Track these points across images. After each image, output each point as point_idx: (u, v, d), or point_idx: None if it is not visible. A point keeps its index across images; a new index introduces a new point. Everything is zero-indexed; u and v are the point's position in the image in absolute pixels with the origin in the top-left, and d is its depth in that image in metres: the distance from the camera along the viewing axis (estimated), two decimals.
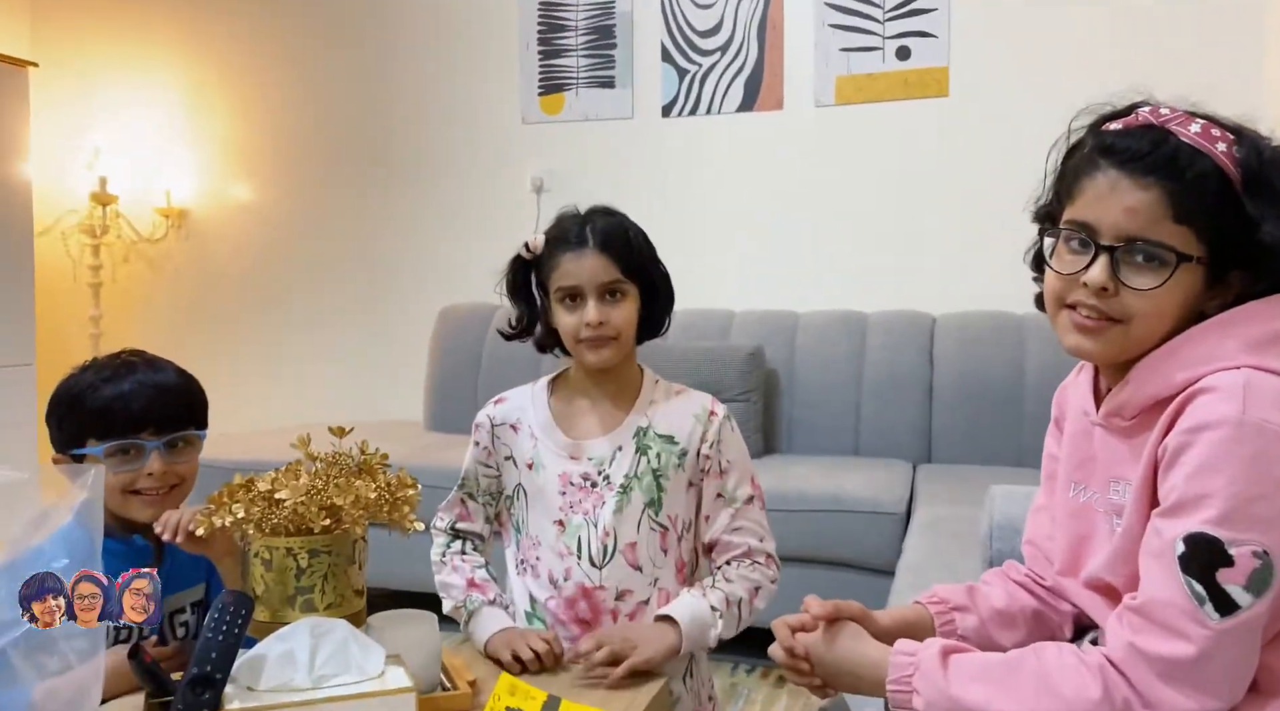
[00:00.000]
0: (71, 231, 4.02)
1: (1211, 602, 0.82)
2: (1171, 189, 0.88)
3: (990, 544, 1.36)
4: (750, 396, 2.94)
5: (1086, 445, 1.03)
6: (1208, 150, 0.89)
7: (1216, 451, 0.83)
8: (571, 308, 1.31)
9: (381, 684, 1.03)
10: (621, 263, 1.32)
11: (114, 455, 1.25)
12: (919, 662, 0.93)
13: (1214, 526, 0.82)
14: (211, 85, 4.02)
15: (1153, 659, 0.83)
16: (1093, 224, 0.92)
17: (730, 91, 3.38)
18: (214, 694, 0.96)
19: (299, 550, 1.09)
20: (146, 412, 1.26)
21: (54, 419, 1.29)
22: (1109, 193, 0.90)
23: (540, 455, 1.37)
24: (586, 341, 1.31)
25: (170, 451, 1.29)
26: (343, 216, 3.87)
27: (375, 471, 1.17)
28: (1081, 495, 1.03)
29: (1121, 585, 0.93)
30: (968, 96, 3.15)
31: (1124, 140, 0.91)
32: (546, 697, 1.11)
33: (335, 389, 3.88)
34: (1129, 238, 0.90)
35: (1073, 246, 0.94)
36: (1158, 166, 0.89)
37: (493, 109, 3.65)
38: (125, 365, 1.30)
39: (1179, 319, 0.92)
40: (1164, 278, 0.89)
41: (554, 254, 1.33)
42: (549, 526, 1.35)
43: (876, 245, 3.27)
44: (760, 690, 2.40)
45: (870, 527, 2.42)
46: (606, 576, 1.32)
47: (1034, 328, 2.89)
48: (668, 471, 1.34)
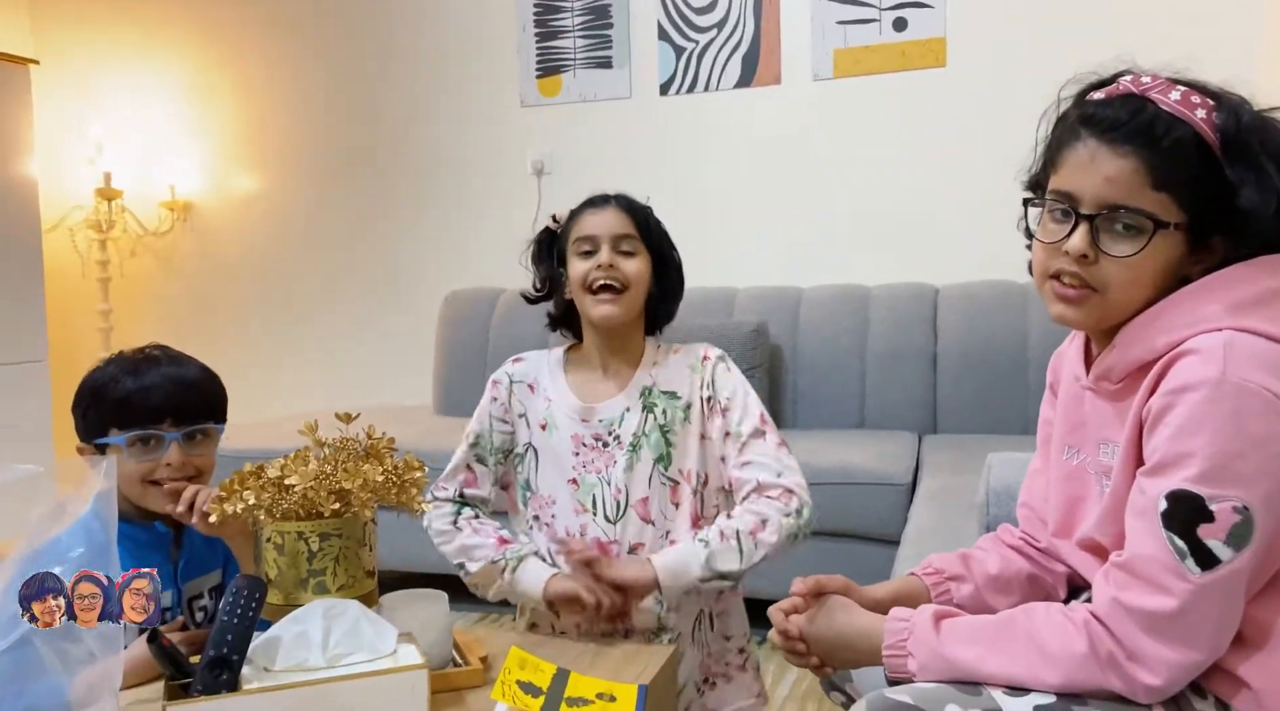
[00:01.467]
0: (78, 227, 4.05)
1: (1193, 557, 0.84)
2: (1148, 157, 0.90)
3: (987, 509, 1.38)
4: (755, 372, 2.96)
5: (1078, 409, 1.04)
6: (1186, 117, 0.90)
7: (1197, 411, 0.84)
8: (586, 257, 1.38)
9: (394, 661, 1.06)
10: (638, 223, 1.40)
11: (134, 445, 1.28)
12: (913, 627, 0.96)
13: (1195, 483, 0.84)
14: (211, 78, 4.03)
15: (1136, 612, 0.86)
16: (1074, 193, 0.93)
17: (728, 68, 3.37)
18: (231, 675, 0.99)
19: (310, 534, 1.12)
20: (166, 404, 1.30)
21: (79, 409, 1.33)
22: (1089, 162, 0.92)
23: (554, 416, 1.41)
24: (595, 289, 1.35)
25: (189, 443, 1.31)
26: (345, 205, 3.89)
27: (382, 455, 1.20)
28: (1074, 458, 1.05)
29: (1109, 543, 0.95)
30: (966, 67, 3.14)
31: (1104, 109, 0.93)
32: (556, 670, 1.14)
33: (344, 376, 3.92)
34: (1109, 206, 0.91)
35: (1055, 216, 0.96)
36: (1135, 135, 0.90)
37: (491, 93, 3.65)
38: (149, 359, 1.33)
39: (1160, 285, 0.93)
40: (1141, 245, 0.90)
41: (575, 216, 1.42)
42: (563, 485, 1.39)
43: (878, 218, 3.27)
44: (770, 661, 2.43)
45: (876, 499, 2.44)
46: (620, 531, 1.36)
47: (1037, 296, 2.87)
48: (674, 426, 1.39)
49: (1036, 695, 0.89)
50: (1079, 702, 0.87)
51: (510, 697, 1.06)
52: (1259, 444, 0.83)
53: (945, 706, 0.88)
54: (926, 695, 0.89)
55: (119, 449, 1.27)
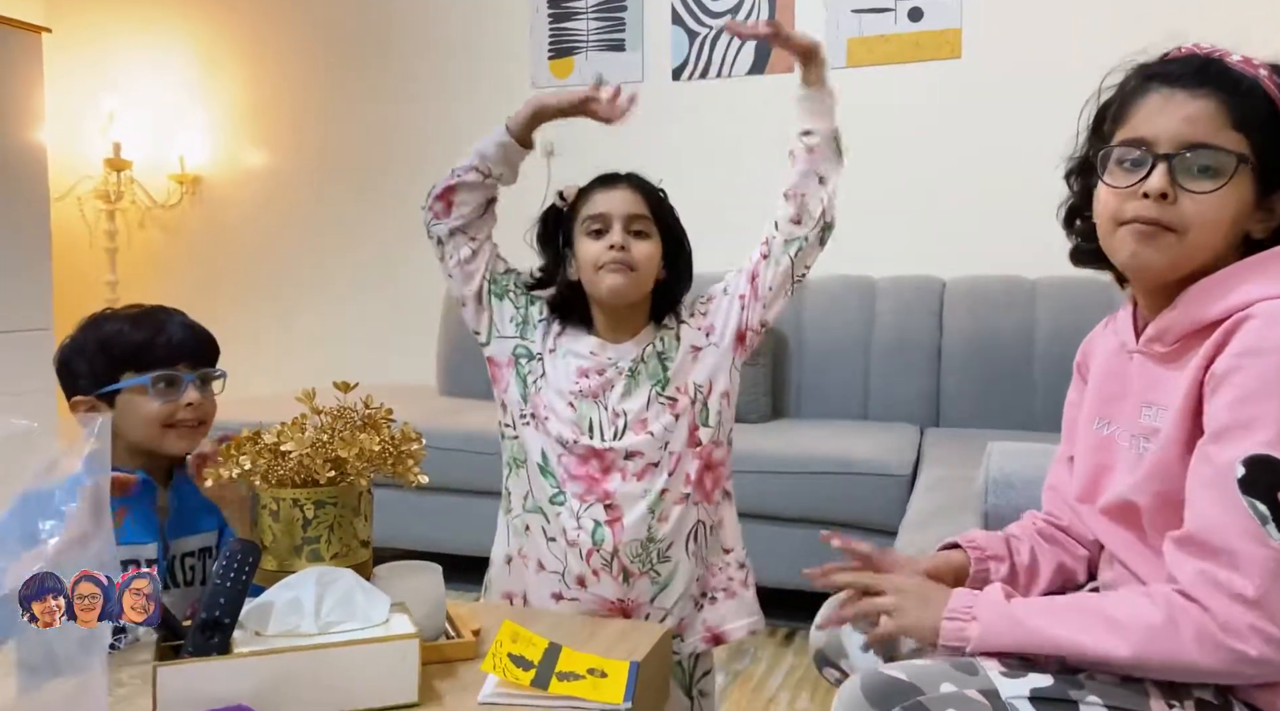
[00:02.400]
0: (87, 197, 4.05)
1: (1274, 523, 0.82)
2: (1226, 98, 0.91)
3: (985, 498, 1.37)
4: (759, 361, 2.95)
5: (1118, 380, 1.04)
6: (1253, 73, 0.92)
7: (1267, 376, 0.84)
8: (596, 237, 1.36)
9: (386, 630, 1.06)
10: (650, 203, 1.38)
11: (157, 386, 1.31)
12: (980, 597, 0.97)
13: (1272, 447, 0.83)
14: (223, 51, 4.03)
15: (1224, 584, 0.83)
16: (1149, 137, 0.93)
17: (741, 54, 3.35)
18: (223, 638, 0.99)
19: (305, 501, 1.12)
20: (183, 346, 1.34)
21: (80, 362, 1.33)
22: (1164, 106, 0.93)
23: (564, 344, 1.41)
24: (606, 265, 1.34)
25: (202, 386, 1.35)
26: (353, 182, 3.88)
27: (380, 425, 1.20)
28: (1105, 429, 1.06)
29: (1148, 503, 0.94)
30: (980, 58, 3.11)
31: (1171, 65, 0.95)
32: (548, 645, 1.14)
33: (348, 353, 3.92)
34: (1189, 144, 0.91)
35: (1126, 166, 0.95)
36: (1210, 79, 0.92)
37: (502, 73, 3.63)
38: (149, 310, 1.38)
39: (1232, 233, 0.93)
40: (1222, 182, 0.90)
41: (585, 194, 1.41)
42: (561, 403, 1.38)
43: (886, 209, 3.25)
44: (767, 648, 2.43)
45: (876, 490, 2.44)
46: (617, 441, 1.36)
47: (1045, 292, 2.88)
48: (670, 352, 1.40)
49: (1035, 675, 0.88)
50: (1076, 686, 0.87)
51: (501, 670, 1.06)
52: None
53: (940, 684, 0.87)
54: (922, 673, 0.89)
55: (143, 389, 1.30)
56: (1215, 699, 0.86)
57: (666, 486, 1.35)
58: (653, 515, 1.34)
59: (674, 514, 1.35)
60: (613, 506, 1.34)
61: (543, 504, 1.38)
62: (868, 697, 0.88)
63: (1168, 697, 0.86)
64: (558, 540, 1.36)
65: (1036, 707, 0.86)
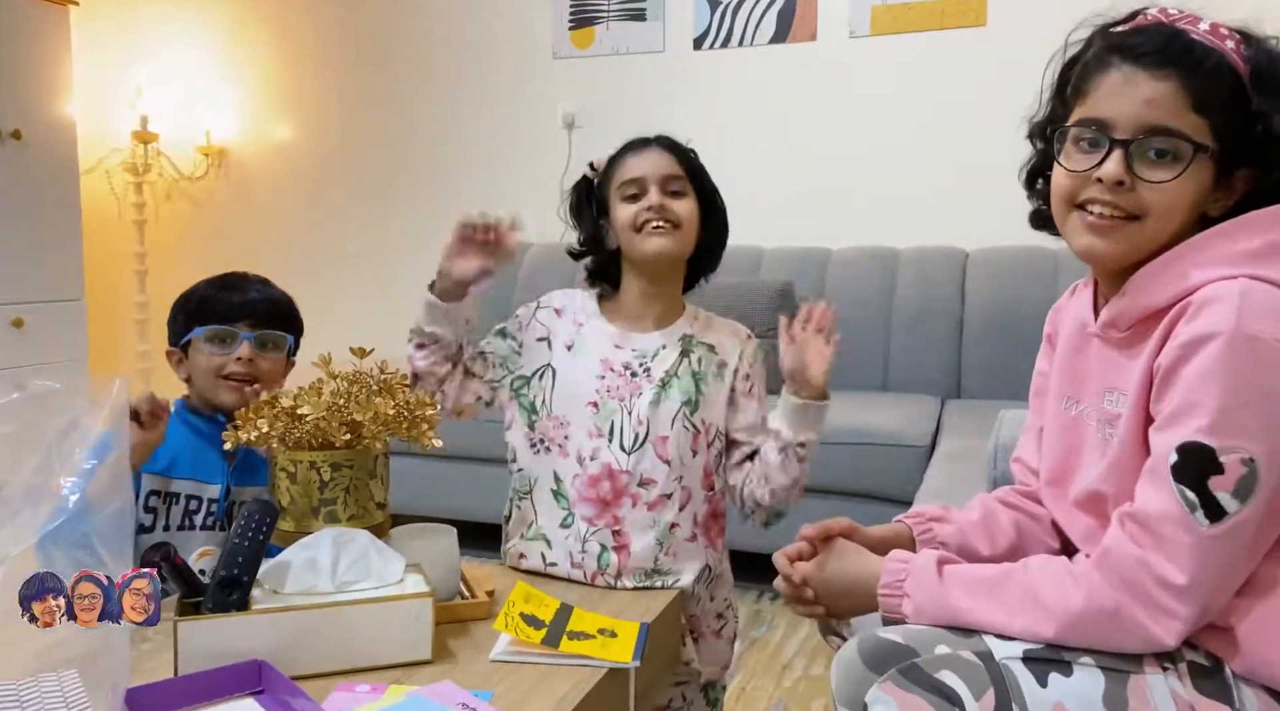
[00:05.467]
0: (115, 170, 4.10)
1: (1202, 509, 0.83)
2: (1189, 80, 0.88)
3: (994, 464, 1.37)
4: (779, 332, 2.94)
5: (1080, 360, 1.03)
6: (1218, 47, 0.89)
7: (1208, 365, 0.83)
8: (633, 200, 1.34)
9: (400, 589, 1.09)
10: (684, 163, 1.37)
11: (211, 340, 1.43)
12: (911, 568, 0.96)
13: (1205, 434, 0.83)
14: (250, 24, 4.05)
15: (1146, 565, 0.85)
16: (1107, 119, 0.91)
17: (763, 23, 3.32)
18: (241, 594, 1.02)
19: (321, 463, 1.14)
20: (244, 307, 1.45)
21: (172, 319, 1.48)
22: (1124, 86, 0.90)
23: (583, 338, 1.38)
24: (648, 226, 1.32)
25: (260, 348, 1.44)
26: (376, 155, 3.90)
27: (395, 390, 1.22)
28: (1073, 409, 1.04)
29: (1113, 495, 0.94)
30: (1005, 25, 3.07)
31: (1135, 38, 0.92)
32: (560, 605, 1.16)
33: (371, 324, 3.94)
34: (1148, 128, 0.89)
35: (1083, 146, 0.94)
36: (1174, 57, 0.89)
37: (523, 43, 3.63)
38: (238, 275, 1.51)
39: (1189, 217, 0.92)
40: (1179, 169, 0.89)
41: (616, 160, 1.39)
42: (582, 407, 1.34)
43: (910, 179, 3.23)
44: (783, 616, 2.45)
45: (894, 460, 2.44)
46: (634, 462, 1.32)
47: (1068, 263, 2.85)
48: (707, 376, 1.37)
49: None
50: (1068, 650, 0.87)
51: (513, 629, 1.08)
52: (1269, 396, 0.82)
53: (936, 647, 0.88)
54: (918, 636, 0.90)
55: (199, 341, 1.42)
56: (1207, 661, 0.87)
57: (676, 521, 1.33)
58: (660, 548, 1.32)
59: (684, 552, 1.34)
60: (620, 532, 1.32)
61: (548, 530, 1.35)
62: (864, 660, 0.90)
63: (1161, 659, 0.87)
64: (559, 564, 1.34)
65: (1031, 667, 0.86)
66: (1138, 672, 0.85)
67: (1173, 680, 0.85)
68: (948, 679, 0.86)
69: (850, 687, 0.91)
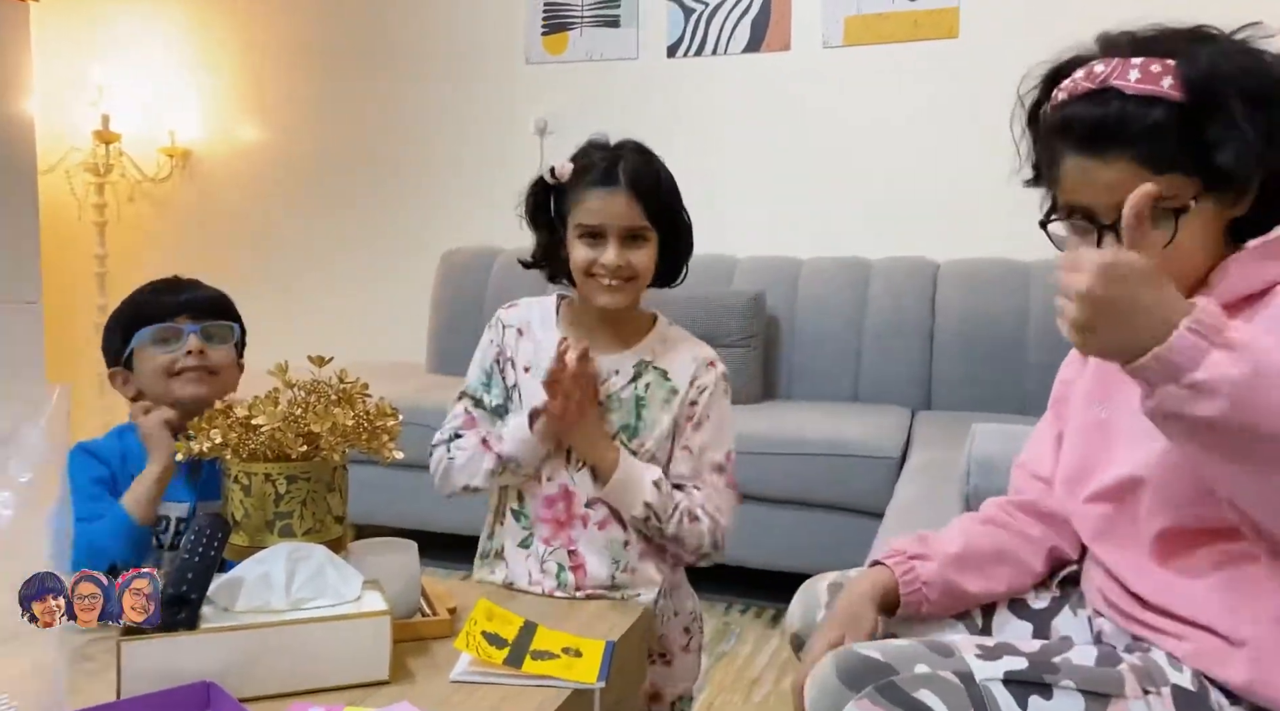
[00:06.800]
0: (75, 170, 4.01)
1: None
2: (1137, 150, 0.88)
3: (967, 480, 1.36)
4: (751, 342, 2.93)
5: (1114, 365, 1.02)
6: (1153, 93, 0.87)
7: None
8: (591, 244, 1.30)
9: (358, 607, 1.05)
10: (648, 207, 1.30)
11: (157, 341, 1.37)
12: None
13: None
14: (216, 23, 3.98)
15: None
16: (1086, 206, 0.92)
17: (737, 32, 3.31)
18: (190, 613, 0.97)
19: (277, 476, 1.10)
20: (183, 304, 1.40)
21: (107, 336, 1.42)
22: (1083, 178, 0.91)
23: (539, 360, 1.37)
24: (601, 283, 1.30)
25: (206, 340, 1.39)
26: (344, 159, 3.84)
27: (355, 400, 1.18)
28: (1101, 411, 1.03)
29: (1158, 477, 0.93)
30: (977, 37, 3.08)
31: (1074, 113, 0.91)
32: (524, 623, 1.13)
33: (338, 330, 3.89)
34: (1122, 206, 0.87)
35: (1078, 229, 0.95)
36: (1113, 137, 0.88)
37: (495, 48, 3.59)
38: (169, 279, 1.47)
39: (1210, 245, 0.92)
40: (1171, 232, 0.88)
41: (580, 187, 1.31)
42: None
43: (882, 190, 3.23)
44: (753, 629, 2.42)
45: (865, 471, 2.43)
46: (579, 482, 1.34)
47: (1039, 275, 2.86)
48: (651, 402, 1.35)
49: (1009, 658, 0.87)
50: (1050, 671, 0.85)
51: (474, 648, 1.04)
52: None
53: (915, 665, 0.86)
54: (896, 653, 0.87)
55: (143, 346, 1.37)
56: (1192, 684, 0.85)
57: (627, 538, 1.33)
58: (617, 566, 1.33)
59: (640, 569, 1.34)
60: (576, 552, 1.33)
61: (508, 550, 1.37)
62: (841, 677, 0.87)
63: (1143, 683, 0.85)
64: (517, 582, 1.35)
65: (1011, 690, 0.84)
66: (1119, 697, 0.84)
67: (1155, 705, 0.83)
68: (926, 698, 0.84)
69: (826, 704, 0.89)
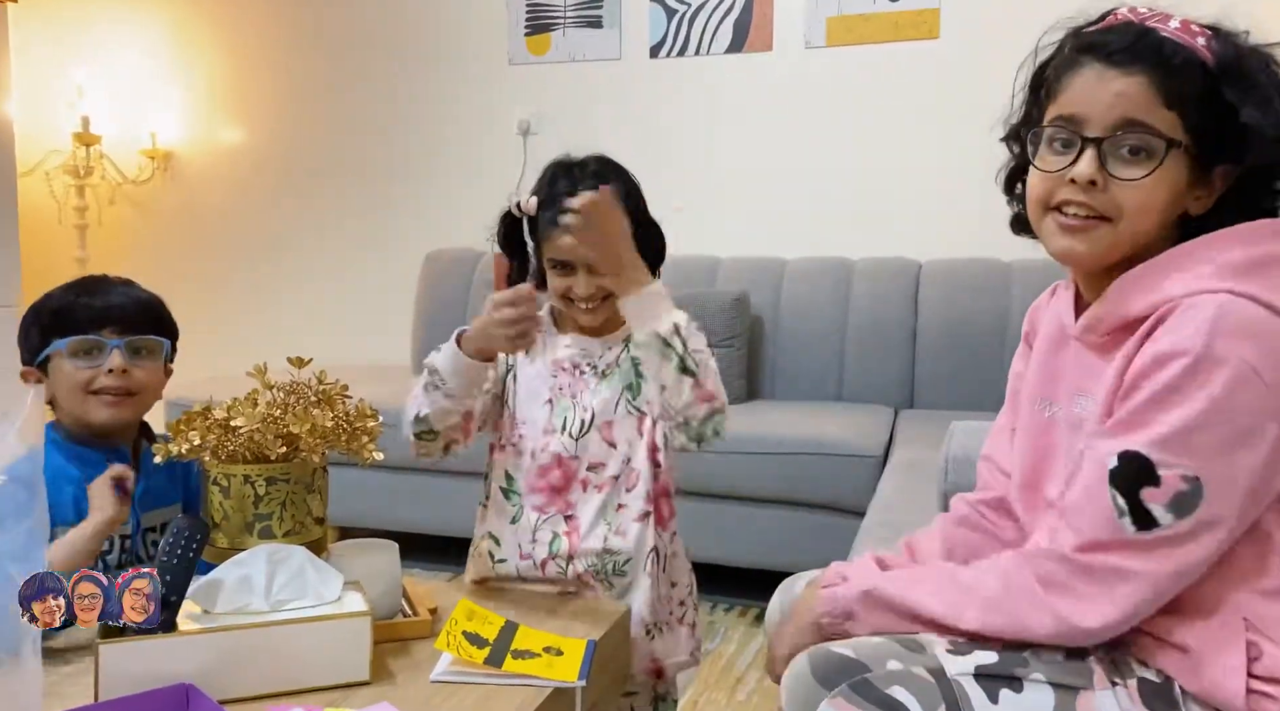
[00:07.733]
0: (55, 172, 3.98)
1: (1130, 516, 0.84)
2: (1159, 75, 0.88)
3: (946, 476, 1.37)
4: (734, 342, 2.94)
5: (1057, 360, 1.03)
6: (1188, 43, 0.89)
7: (1174, 380, 0.83)
8: (563, 274, 1.34)
9: (338, 608, 1.05)
10: None
11: (75, 354, 1.27)
12: (851, 563, 0.98)
13: (1152, 448, 0.83)
14: (197, 24, 3.96)
15: (1057, 555, 0.88)
16: (1079, 116, 0.91)
17: (720, 32, 3.32)
18: (169, 616, 0.97)
19: (256, 477, 1.10)
20: (108, 313, 1.29)
21: (23, 334, 1.32)
22: (1095, 83, 0.91)
23: (537, 342, 1.38)
24: (579, 308, 1.34)
25: (132, 356, 1.29)
26: (328, 160, 3.83)
27: (334, 401, 1.18)
28: (1047, 411, 1.03)
29: None
30: (958, 38, 3.10)
31: (1105, 36, 0.92)
32: (504, 623, 1.13)
33: (321, 332, 3.88)
34: (1120, 123, 0.89)
35: (1056, 147, 0.93)
36: (1144, 54, 0.89)
37: (479, 49, 3.59)
38: (97, 278, 1.34)
39: (1166, 216, 0.91)
40: (1153, 167, 0.89)
41: (546, 220, 1.33)
42: (539, 406, 1.38)
43: (864, 190, 3.24)
44: (738, 628, 2.43)
45: (847, 470, 2.44)
46: (581, 447, 1.35)
47: (1020, 275, 2.88)
48: (647, 361, 1.35)
49: (980, 652, 0.88)
50: (1021, 664, 0.86)
51: (455, 648, 1.05)
52: (1228, 418, 0.82)
53: (887, 662, 0.87)
54: (869, 651, 0.88)
55: (60, 355, 1.26)
56: (1157, 677, 0.86)
57: (624, 502, 1.35)
58: (609, 528, 1.34)
59: (632, 531, 1.34)
60: (572, 517, 1.34)
61: (496, 529, 1.38)
62: (815, 675, 0.88)
63: (1111, 675, 0.86)
64: (508, 560, 1.35)
65: (982, 684, 0.85)
66: (1088, 689, 0.85)
67: (1122, 697, 0.84)
68: (899, 694, 0.85)
69: (800, 702, 0.90)
